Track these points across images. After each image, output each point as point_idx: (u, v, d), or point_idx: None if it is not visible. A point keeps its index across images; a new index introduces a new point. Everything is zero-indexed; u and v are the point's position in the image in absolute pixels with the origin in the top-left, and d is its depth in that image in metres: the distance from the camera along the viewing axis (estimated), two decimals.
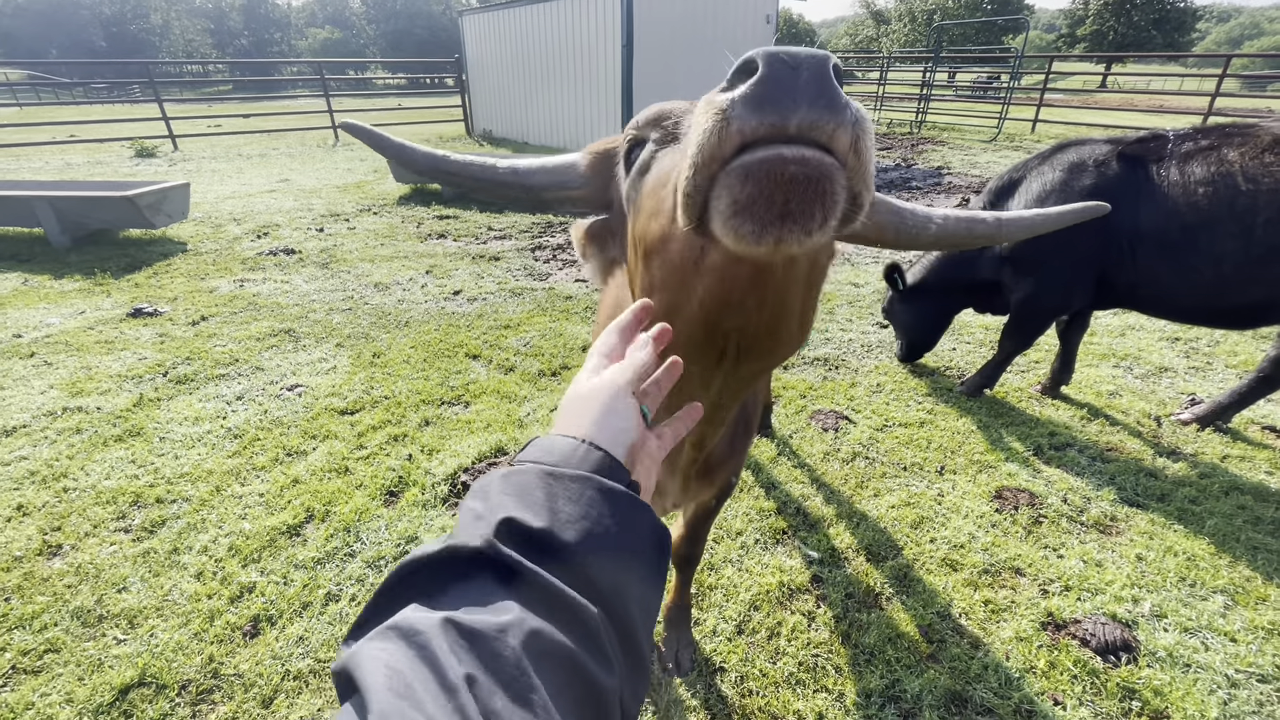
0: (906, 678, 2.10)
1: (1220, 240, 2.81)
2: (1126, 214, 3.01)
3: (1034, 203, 3.24)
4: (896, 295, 4.00)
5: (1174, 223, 2.89)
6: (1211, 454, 3.25)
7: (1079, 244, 3.14)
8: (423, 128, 18.66)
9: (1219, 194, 2.80)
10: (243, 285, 5.90)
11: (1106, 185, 3.05)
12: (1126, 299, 3.24)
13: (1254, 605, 2.35)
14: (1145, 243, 2.99)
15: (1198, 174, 2.87)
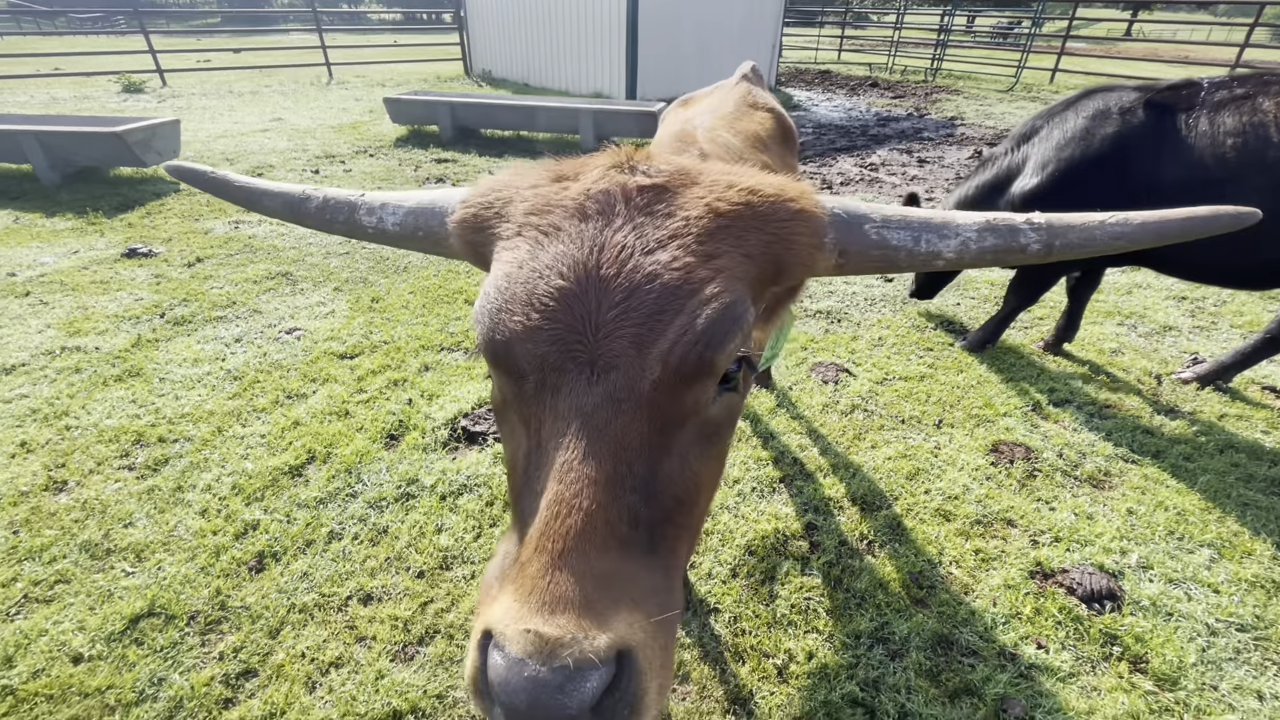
0: (895, 620, 2.16)
1: (1247, 195, 2.68)
2: (1148, 165, 2.91)
3: (1052, 151, 3.14)
4: None
5: (1198, 176, 2.78)
6: (1209, 412, 3.26)
7: (1092, 196, 3.05)
8: (420, 66, 18.00)
9: (1250, 146, 2.68)
10: (238, 227, 5.79)
11: (1130, 134, 2.94)
12: (1139, 255, 3.16)
13: (1239, 559, 2.40)
14: (1166, 196, 2.89)
15: (1228, 124, 2.74)
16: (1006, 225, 0.85)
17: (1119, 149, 2.95)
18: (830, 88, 15.59)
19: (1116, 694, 1.94)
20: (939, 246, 0.86)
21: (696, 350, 0.73)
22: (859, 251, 0.87)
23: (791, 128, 2.53)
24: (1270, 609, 2.20)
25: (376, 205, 1.05)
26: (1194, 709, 1.90)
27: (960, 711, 1.89)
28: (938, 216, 0.88)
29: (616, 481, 0.69)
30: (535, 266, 0.78)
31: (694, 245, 0.77)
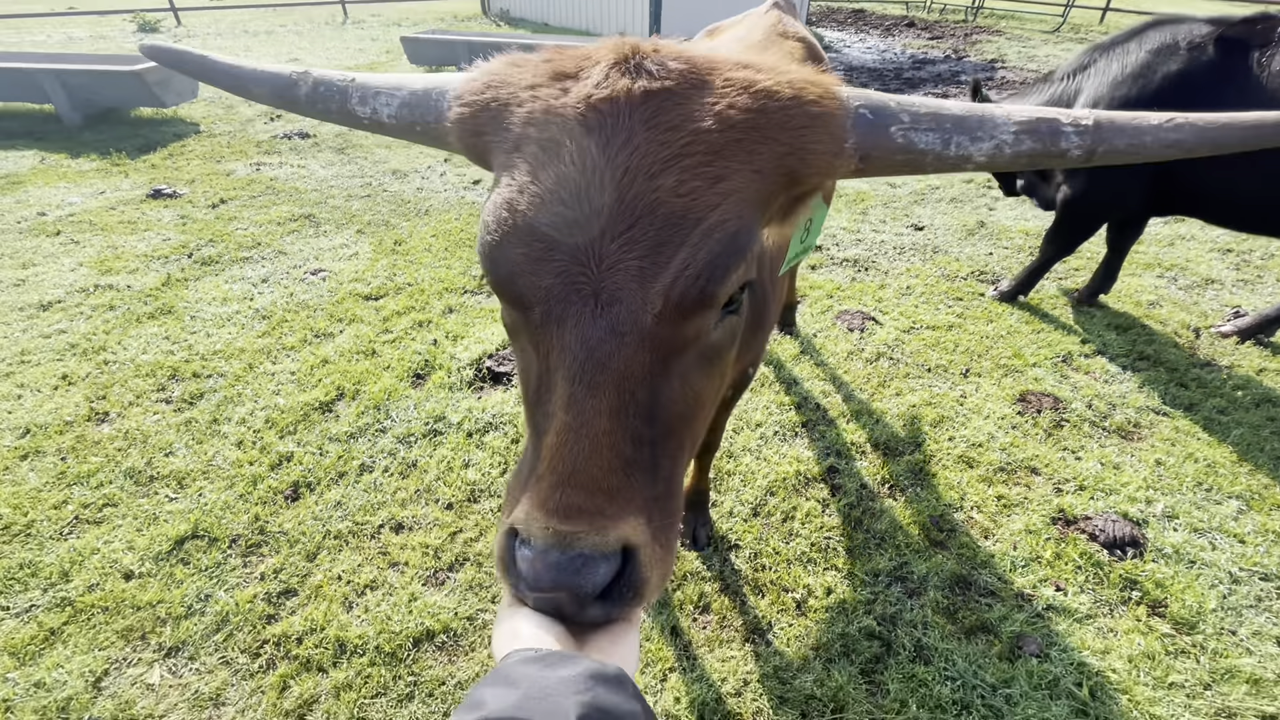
0: (914, 561, 2.18)
1: None
2: (1212, 108, 2.70)
3: (1107, 87, 2.94)
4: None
5: None
6: (1248, 366, 3.17)
7: None
8: (437, 5, 17.45)
9: None
10: (259, 169, 5.77)
11: (1196, 72, 2.72)
12: (1192, 207, 3.00)
13: (1268, 511, 2.37)
14: None
15: None
16: (1048, 127, 0.78)
17: (1183, 89, 2.74)
18: (864, 28, 14.84)
19: (1133, 635, 1.96)
20: (970, 150, 0.79)
21: (699, 285, 0.73)
22: (882, 156, 0.81)
23: (823, 58, 2.42)
24: None
25: (370, 93, 0.96)
26: (1210, 651, 1.91)
27: (976, 647, 1.93)
28: (974, 114, 0.79)
29: (621, 410, 0.72)
30: (536, 191, 0.75)
31: (700, 167, 0.73)
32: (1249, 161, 2.67)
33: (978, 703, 1.78)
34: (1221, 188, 2.80)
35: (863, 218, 4.92)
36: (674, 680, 1.84)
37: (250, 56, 10.70)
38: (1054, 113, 0.78)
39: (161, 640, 1.93)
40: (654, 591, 0.75)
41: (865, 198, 5.27)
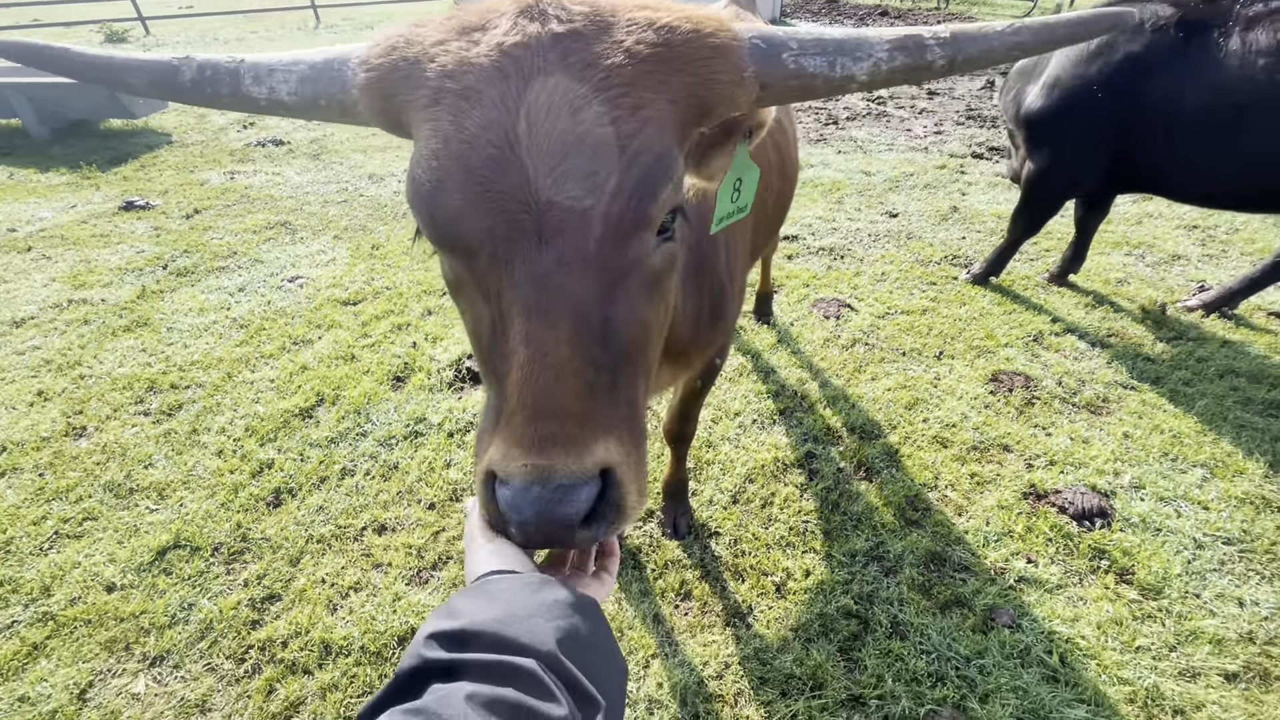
0: (890, 540, 2.23)
1: (1276, 120, 2.56)
2: (1169, 88, 2.75)
3: (1068, 66, 3.00)
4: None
5: (1226, 98, 2.63)
6: (1213, 339, 3.25)
7: (1097, 120, 2.96)
8: (411, 5, 17.32)
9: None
10: (233, 177, 5.73)
11: (1157, 51, 2.77)
12: (1151, 184, 3.07)
13: (1231, 478, 2.44)
14: (1186, 121, 2.74)
15: (1261, 42, 2.56)
16: (915, 42, 0.85)
17: (1140, 69, 2.80)
18: (837, 17, 14.91)
19: (1101, 602, 2.02)
20: (853, 70, 0.85)
21: (632, 205, 0.77)
22: (778, 82, 0.85)
23: None
24: (1258, 524, 2.25)
25: (264, 72, 0.90)
26: (1175, 615, 1.98)
27: (950, 621, 1.98)
28: (852, 37, 0.85)
29: (576, 337, 0.75)
30: (464, 138, 0.76)
31: (619, 98, 0.76)
32: (1200, 139, 2.75)
33: (952, 674, 1.83)
34: (1175, 164, 2.87)
35: (838, 206, 4.97)
36: (656, 666, 1.87)
37: None
38: (919, 30, 0.86)
39: (146, 650, 1.93)
40: (635, 509, 0.78)
41: (840, 186, 5.32)
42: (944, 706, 1.75)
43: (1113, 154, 3.01)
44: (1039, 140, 3.20)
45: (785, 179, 2.18)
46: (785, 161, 2.15)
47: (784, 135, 2.16)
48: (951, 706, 1.75)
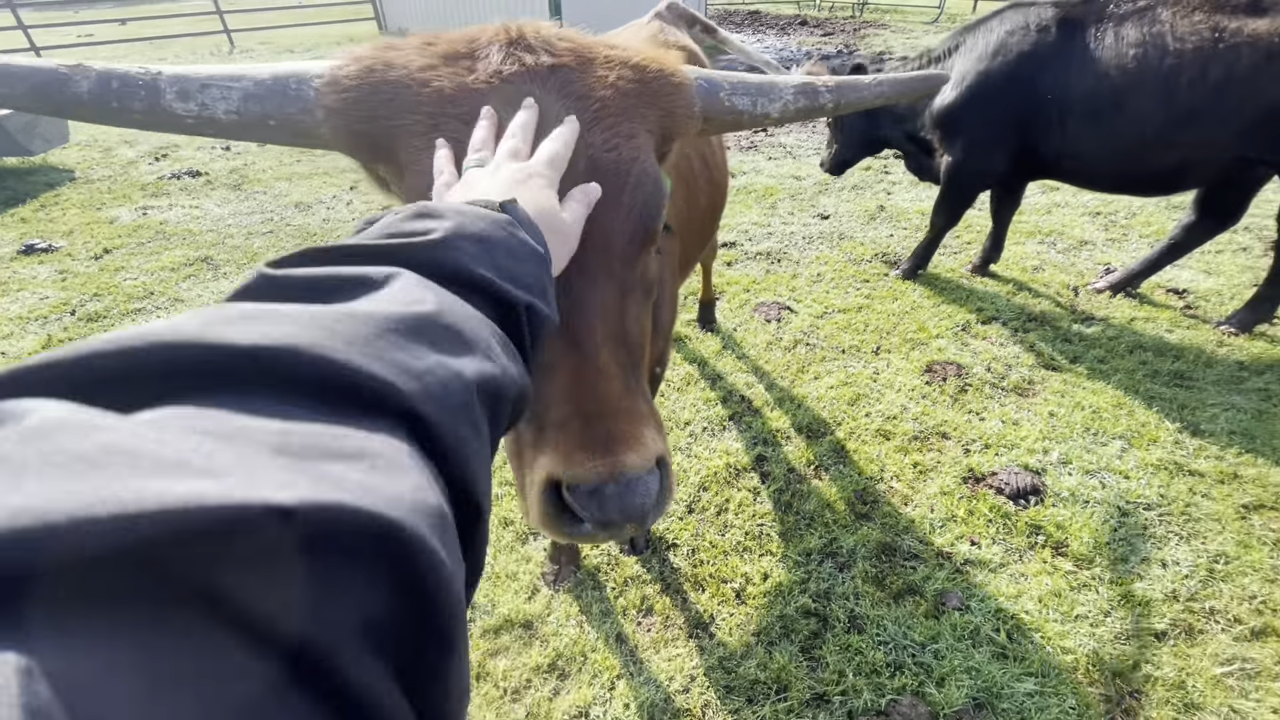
0: (842, 536, 2.28)
1: (1146, 104, 2.85)
2: (1059, 80, 3.03)
3: (971, 64, 3.26)
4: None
5: (1104, 87, 2.92)
6: (1121, 317, 3.49)
7: (999, 111, 3.20)
8: (329, 28, 16.87)
9: (1148, 56, 2.82)
10: (146, 213, 5.42)
11: (1043, 48, 3.06)
12: (1052, 169, 3.33)
13: (1146, 446, 2.62)
14: (1074, 110, 3.03)
15: (1131, 36, 2.87)
16: (811, 89, 1.05)
17: (1032, 64, 3.08)
18: (760, 28, 15.37)
19: (1041, 577, 2.12)
20: (769, 108, 1.02)
21: (643, 224, 0.85)
22: (716, 116, 0.99)
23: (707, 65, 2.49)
24: (1172, 488, 2.42)
25: (194, 87, 0.81)
26: (1107, 581, 2.09)
27: (904, 609, 2.04)
28: (768, 83, 1.02)
29: (610, 342, 0.82)
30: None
31: (615, 126, 0.85)
32: (1087, 127, 2.99)
33: (909, 662, 1.88)
34: (1069, 151, 3.13)
35: (772, 211, 5.10)
36: (621, 687, 1.85)
37: None
38: (815, 79, 1.07)
39: None
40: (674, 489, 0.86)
41: (773, 191, 5.47)
42: (904, 695, 1.80)
43: (1018, 143, 3.24)
44: (952, 134, 3.41)
45: (714, 186, 2.22)
46: (712, 169, 2.19)
47: (708, 145, 2.19)
48: (910, 694, 1.80)
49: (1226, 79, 2.71)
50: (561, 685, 1.87)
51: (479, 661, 1.92)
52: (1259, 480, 2.43)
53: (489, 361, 0.42)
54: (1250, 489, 2.40)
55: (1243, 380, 2.96)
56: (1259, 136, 2.78)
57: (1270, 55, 2.65)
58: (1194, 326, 3.37)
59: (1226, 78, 2.71)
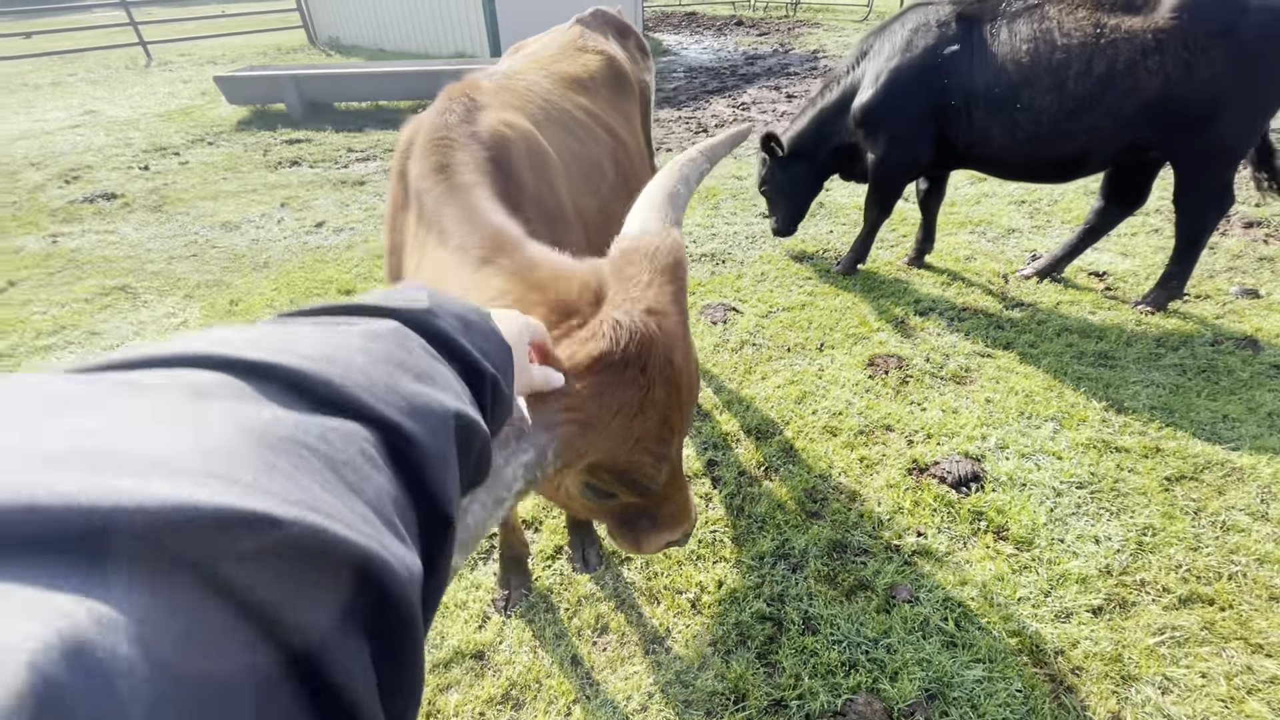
0: (794, 536, 2.30)
1: (1039, 96, 3.05)
2: (962, 74, 3.20)
3: (884, 63, 3.43)
4: (776, 164, 4.02)
5: (1002, 80, 3.11)
6: (1047, 302, 3.64)
7: (913, 104, 3.35)
8: (255, 38, 16.21)
9: (1039, 50, 3.02)
10: (55, 241, 5.08)
11: (944, 46, 3.23)
12: (965, 158, 3.51)
13: (1076, 426, 2.73)
14: (978, 101, 3.21)
15: (1023, 32, 3.06)
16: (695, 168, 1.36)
17: (936, 60, 3.25)
18: (698, 29, 15.52)
19: (985, 562, 2.17)
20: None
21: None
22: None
23: (626, 73, 2.45)
24: (1101, 465, 2.52)
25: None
26: (1046, 561, 2.17)
27: (856, 606, 2.06)
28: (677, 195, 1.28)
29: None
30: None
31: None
32: (989, 117, 3.19)
33: (862, 659, 1.90)
34: (977, 141, 3.30)
35: (715, 212, 5.13)
36: (577, 713, 1.81)
37: (34, 112, 9.41)
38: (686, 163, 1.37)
39: None
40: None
41: (716, 193, 5.50)
42: (859, 693, 1.81)
43: (935, 133, 3.39)
44: (874, 131, 3.55)
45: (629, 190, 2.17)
46: (626, 175, 2.14)
47: (622, 149, 2.15)
48: (865, 691, 1.82)
49: (1109, 72, 2.93)
50: (517, 716, 1.81)
51: (429, 699, 1.85)
52: (1179, 452, 2.56)
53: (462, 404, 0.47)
54: (1171, 461, 2.52)
55: (1160, 357, 3.12)
56: (1144, 124, 3.00)
57: (1145, 50, 2.87)
58: (1115, 307, 3.54)
59: (1109, 71, 2.93)
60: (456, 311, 0.58)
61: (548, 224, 1.53)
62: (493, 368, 0.57)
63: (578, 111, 2.00)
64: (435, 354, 0.50)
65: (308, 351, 0.39)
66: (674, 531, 1.22)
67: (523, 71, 1.95)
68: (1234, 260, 3.94)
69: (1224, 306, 3.48)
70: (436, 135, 1.35)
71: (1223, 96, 2.84)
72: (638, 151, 2.35)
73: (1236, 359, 3.07)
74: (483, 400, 0.55)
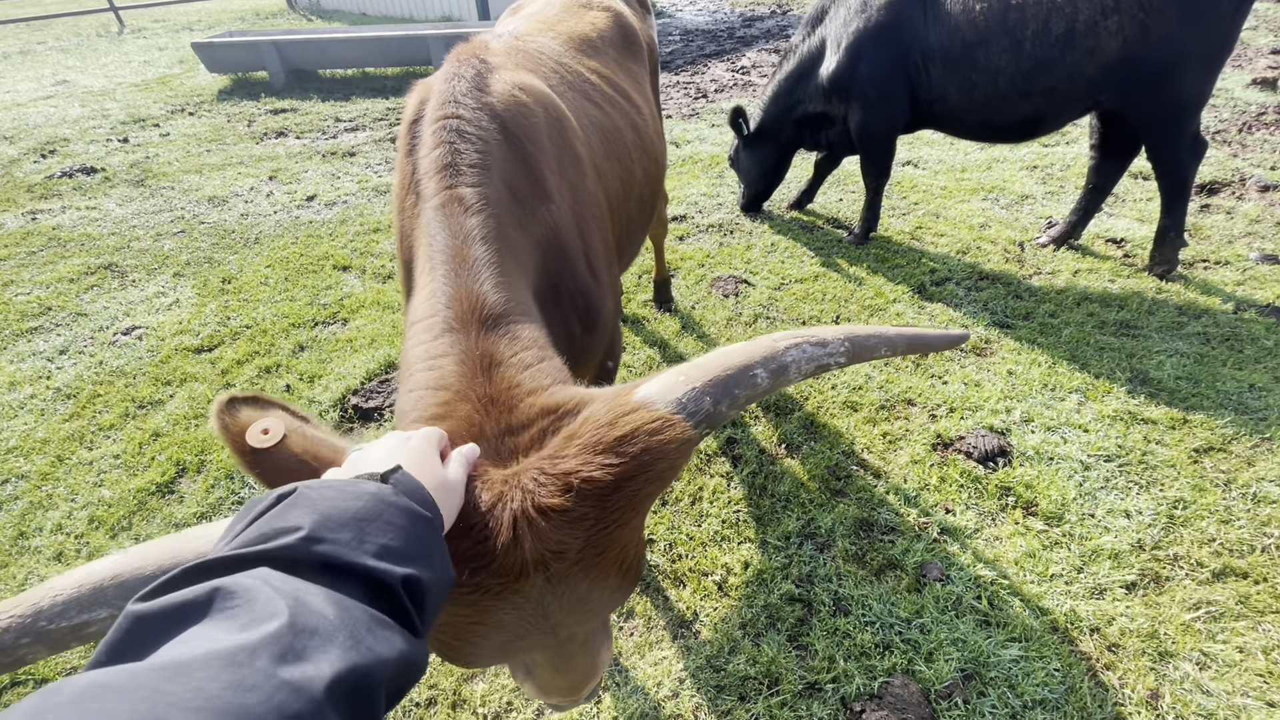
0: (819, 515, 2.24)
1: (997, 55, 3.03)
2: (920, 33, 3.19)
3: (840, 28, 3.43)
4: (742, 141, 4.12)
5: (957, 40, 3.10)
6: (1066, 270, 3.55)
7: (880, 63, 3.32)
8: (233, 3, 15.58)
9: (993, 10, 3.00)
10: (35, 218, 4.88)
11: (899, 6, 3.22)
12: (929, 117, 3.49)
13: (1101, 398, 2.67)
14: (934, 60, 3.20)
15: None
16: (781, 366, 0.93)
17: (893, 20, 3.25)
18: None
19: (1015, 539, 2.13)
20: (756, 390, 0.95)
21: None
22: (710, 426, 0.95)
23: (634, 31, 2.32)
24: (1129, 437, 2.47)
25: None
26: (1077, 537, 2.13)
27: (886, 585, 2.01)
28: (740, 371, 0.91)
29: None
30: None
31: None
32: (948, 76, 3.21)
33: (896, 640, 1.86)
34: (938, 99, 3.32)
35: (720, 180, 4.98)
36: (608, 700, 1.77)
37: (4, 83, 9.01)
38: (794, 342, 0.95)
39: None
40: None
41: (719, 160, 5.34)
42: (895, 675, 1.78)
43: (907, 88, 3.37)
44: (846, 97, 3.54)
45: (648, 155, 2.06)
46: (644, 138, 2.03)
47: (637, 111, 2.03)
48: (901, 673, 1.78)
49: (1069, 32, 2.90)
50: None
51: (454, 689, 1.80)
52: (1206, 423, 2.51)
53: (351, 651, 0.43)
54: (1199, 432, 2.48)
55: (1183, 326, 3.06)
56: (1105, 86, 3.00)
57: (1105, 10, 2.84)
58: (1134, 275, 3.47)
59: (1069, 31, 2.90)
60: (346, 517, 0.54)
61: (572, 196, 1.43)
62: (405, 564, 0.54)
63: (592, 75, 1.88)
64: (312, 594, 0.46)
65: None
66: (543, 695, 1.00)
67: (529, 33, 1.81)
68: (1252, 225, 3.86)
69: (1244, 273, 3.41)
70: (446, 110, 1.23)
71: (1179, 54, 2.85)
72: (652, 117, 2.23)
73: (1260, 326, 3.01)
74: (399, 605, 0.53)
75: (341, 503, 0.55)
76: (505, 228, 1.15)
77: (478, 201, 1.13)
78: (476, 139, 1.20)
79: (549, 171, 1.34)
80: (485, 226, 1.11)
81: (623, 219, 1.84)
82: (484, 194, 1.14)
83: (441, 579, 0.60)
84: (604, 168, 1.67)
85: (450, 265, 1.06)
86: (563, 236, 1.33)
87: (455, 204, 1.12)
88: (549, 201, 1.31)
